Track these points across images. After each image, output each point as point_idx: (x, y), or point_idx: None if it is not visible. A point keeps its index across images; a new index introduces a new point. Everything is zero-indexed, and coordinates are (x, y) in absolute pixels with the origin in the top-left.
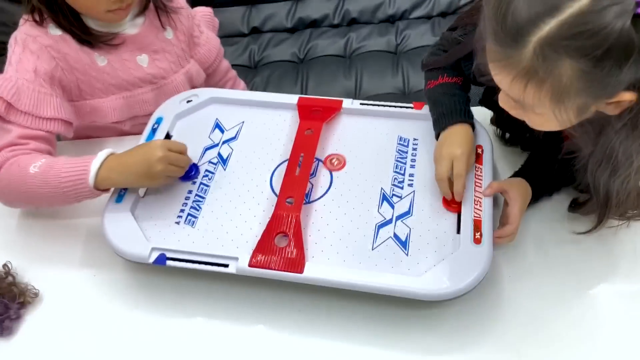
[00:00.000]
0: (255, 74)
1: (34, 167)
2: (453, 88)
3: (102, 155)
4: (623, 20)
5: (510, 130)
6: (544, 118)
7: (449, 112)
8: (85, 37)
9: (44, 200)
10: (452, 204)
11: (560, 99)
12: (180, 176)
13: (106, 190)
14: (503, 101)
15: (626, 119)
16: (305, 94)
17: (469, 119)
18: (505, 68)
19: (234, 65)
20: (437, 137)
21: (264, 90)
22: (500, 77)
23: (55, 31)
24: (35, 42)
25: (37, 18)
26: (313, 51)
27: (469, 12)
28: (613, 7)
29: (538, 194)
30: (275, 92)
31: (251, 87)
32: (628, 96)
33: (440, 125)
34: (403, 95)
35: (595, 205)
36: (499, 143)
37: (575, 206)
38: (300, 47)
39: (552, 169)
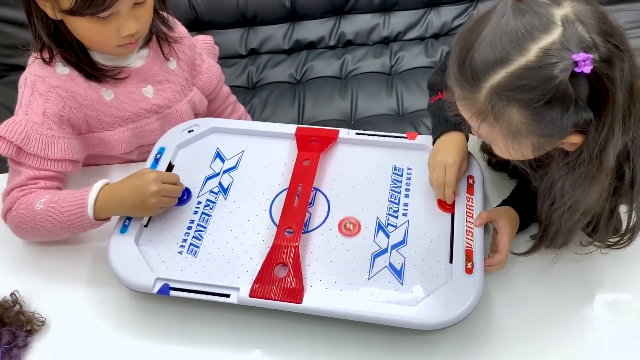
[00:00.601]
0: (253, 95)
1: (40, 204)
2: None
3: (96, 187)
4: (561, 76)
5: (497, 158)
6: (503, 151)
7: (444, 122)
8: (93, 72)
9: (54, 234)
10: (446, 206)
11: (512, 139)
12: (173, 204)
13: (108, 218)
14: (473, 130)
15: (569, 159)
16: (303, 115)
17: (462, 128)
18: (464, 107)
19: (232, 87)
20: (433, 144)
21: (262, 110)
22: (463, 113)
23: (62, 70)
24: (44, 84)
25: (46, 56)
26: (309, 72)
27: None
28: (556, 64)
29: (526, 222)
30: (273, 112)
31: (249, 108)
32: (575, 139)
33: (436, 132)
34: (398, 116)
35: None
36: (488, 169)
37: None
38: (297, 68)
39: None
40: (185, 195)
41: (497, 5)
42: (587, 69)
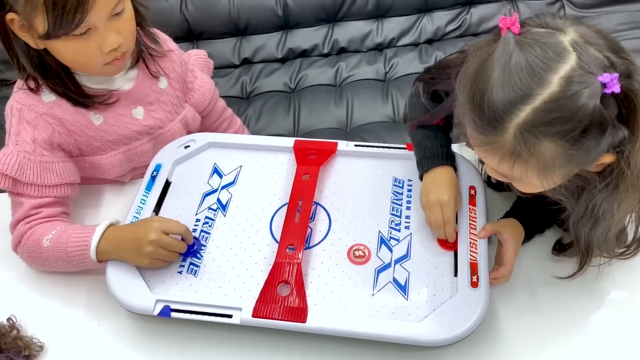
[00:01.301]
0: (248, 105)
1: (46, 240)
2: (435, 130)
3: (99, 230)
4: (593, 101)
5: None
6: (532, 186)
7: (431, 155)
8: (81, 99)
9: (62, 269)
10: (447, 244)
11: (546, 173)
12: (172, 260)
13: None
14: (491, 173)
15: (609, 179)
16: (298, 124)
17: (451, 162)
18: (490, 152)
19: (226, 97)
20: (420, 177)
21: (257, 121)
22: (488, 159)
23: (49, 97)
24: (30, 112)
25: (32, 85)
26: (304, 81)
27: (440, 69)
28: (582, 90)
29: (531, 233)
30: (268, 122)
31: (244, 118)
32: (608, 158)
33: (423, 167)
34: (394, 123)
35: (578, 254)
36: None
37: (559, 249)
38: (291, 77)
39: (541, 208)
40: (194, 246)
41: (499, 44)
42: (616, 89)
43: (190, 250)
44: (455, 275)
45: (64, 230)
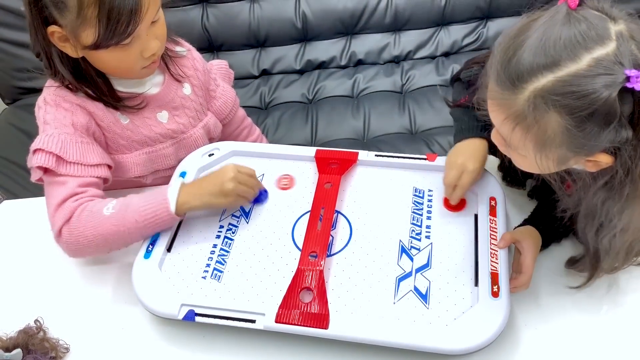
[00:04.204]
0: (266, 115)
1: (107, 209)
2: (472, 109)
3: (176, 184)
4: (611, 90)
5: (513, 177)
6: (527, 161)
7: (467, 128)
8: (113, 102)
9: (115, 242)
10: (450, 205)
11: (542, 147)
12: (251, 198)
13: (183, 216)
14: (494, 136)
15: (603, 181)
16: (316, 135)
17: (485, 135)
18: (500, 107)
19: (245, 107)
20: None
21: (276, 131)
22: (494, 115)
23: (80, 93)
24: (65, 101)
25: (67, 84)
26: (322, 92)
27: (480, 59)
28: (606, 76)
29: (548, 241)
30: (287, 133)
31: (263, 128)
32: (604, 158)
33: (458, 138)
34: (411, 135)
35: (587, 262)
36: (503, 184)
37: (571, 262)
38: (309, 88)
39: (559, 217)
40: (263, 195)
41: (550, 10)
42: (638, 86)
43: (259, 197)
44: (476, 284)
45: (128, 198)
